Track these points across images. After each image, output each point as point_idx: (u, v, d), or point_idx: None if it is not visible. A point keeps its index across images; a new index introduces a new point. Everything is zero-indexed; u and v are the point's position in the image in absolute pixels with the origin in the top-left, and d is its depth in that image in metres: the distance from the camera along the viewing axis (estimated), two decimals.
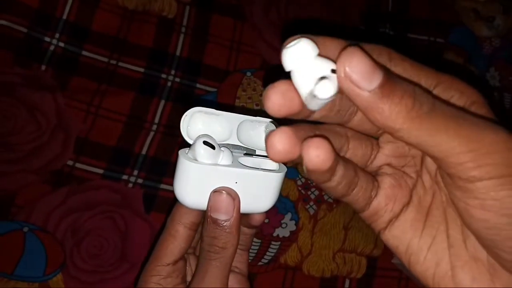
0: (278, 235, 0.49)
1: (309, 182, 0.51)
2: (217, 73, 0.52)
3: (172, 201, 0.48)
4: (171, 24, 0.52)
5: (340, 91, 0.16)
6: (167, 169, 0.48)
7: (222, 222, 0.25)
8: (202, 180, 0.25)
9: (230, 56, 0.53)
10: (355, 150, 0.21)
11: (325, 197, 0.51)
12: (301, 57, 0.16)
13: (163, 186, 0.47)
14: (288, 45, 0.16)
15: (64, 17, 0.50)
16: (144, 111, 0.49)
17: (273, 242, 0.48)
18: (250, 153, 0.28)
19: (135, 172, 0.47)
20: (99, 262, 0.44)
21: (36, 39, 0.48)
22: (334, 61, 0.16)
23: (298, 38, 0.16)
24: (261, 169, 0.26)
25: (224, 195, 0.25)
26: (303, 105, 0.17)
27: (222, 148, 0.25)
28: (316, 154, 0.17)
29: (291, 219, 0.49)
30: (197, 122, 0.26)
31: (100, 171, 0.46)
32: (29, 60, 0.48)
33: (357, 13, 0.58)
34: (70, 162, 0.46)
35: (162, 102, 0.50)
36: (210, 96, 0.51)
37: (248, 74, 0.53)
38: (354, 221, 0.50)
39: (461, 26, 0.61)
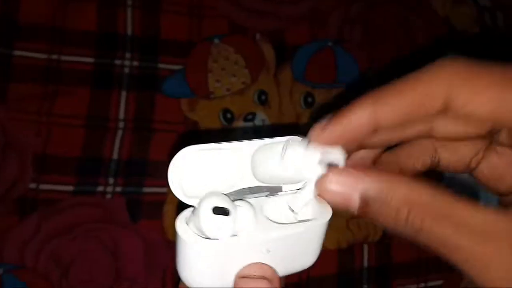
0: None
1: None
2: (179, 47, 0.45)
3: (160, 206, 0.42)
4: None
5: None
6: (146, 169, 0.42)
7: None
8: (219, 260, 0.18)
9: (190, 24, 0.46)
10: (449, 157, 0.20)
11: None
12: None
13: (146, 189, 0.41)
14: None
15: None
16: (105, 108, 0.42)
17: None
18: (275, 191, 0.20)
19: (111, 181, 0.41)
20: (95, 287, 0.39)
21: None
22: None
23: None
24: (297, 222, 0.19)
25: (255, 281, 0.18)
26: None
27: (237, 202, 0.18)
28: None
29: None
30: (192, 170, 0.18)
31: (69, 188, 0.40)
32: None
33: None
34: (32, 185, 0.39)
35: (124, 93, 0.43)
36: (177, 76, 0.44)
37: (216, 41, 0.46)
38: None
39: None
